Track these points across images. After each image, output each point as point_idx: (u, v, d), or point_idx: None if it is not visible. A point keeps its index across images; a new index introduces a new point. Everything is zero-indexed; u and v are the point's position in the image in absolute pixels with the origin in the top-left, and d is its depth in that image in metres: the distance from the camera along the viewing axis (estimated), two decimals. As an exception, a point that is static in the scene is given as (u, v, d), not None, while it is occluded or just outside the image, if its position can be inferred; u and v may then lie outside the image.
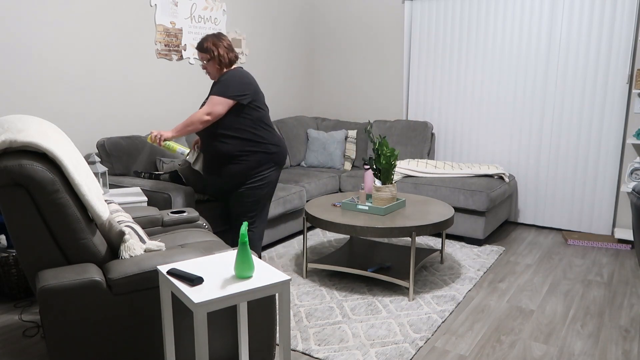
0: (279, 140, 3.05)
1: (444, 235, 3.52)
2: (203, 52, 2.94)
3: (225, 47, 2.92)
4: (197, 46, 2.97)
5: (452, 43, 4.62)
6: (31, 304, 2.85)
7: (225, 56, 2.91)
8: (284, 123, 4.91)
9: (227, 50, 2.92)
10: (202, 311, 1.53)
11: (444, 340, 2.50)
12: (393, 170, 3.10)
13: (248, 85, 2.87)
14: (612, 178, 4.08)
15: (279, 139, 3.06)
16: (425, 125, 4.68)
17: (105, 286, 1.81)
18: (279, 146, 3.04)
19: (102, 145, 3.39)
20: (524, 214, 4.51)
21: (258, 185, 2.97)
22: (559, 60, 4.17)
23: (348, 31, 5.26)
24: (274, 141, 3.01)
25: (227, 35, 3.05)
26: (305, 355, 2.35)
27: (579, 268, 3.50)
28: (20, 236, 1.79)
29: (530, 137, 4.38)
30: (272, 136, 3.01)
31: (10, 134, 1.77)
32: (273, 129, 3.04)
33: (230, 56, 2.94)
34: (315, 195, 4.17)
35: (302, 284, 3.15)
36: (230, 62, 2.95)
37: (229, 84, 2.83)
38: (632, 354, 2.39)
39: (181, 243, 2.38)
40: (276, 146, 3.01)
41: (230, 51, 2.94)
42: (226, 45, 2.93)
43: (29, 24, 3.13)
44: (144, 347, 1.91)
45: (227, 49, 2.93)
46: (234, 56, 2.96)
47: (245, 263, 1.67)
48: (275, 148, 3.00)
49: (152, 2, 3.80)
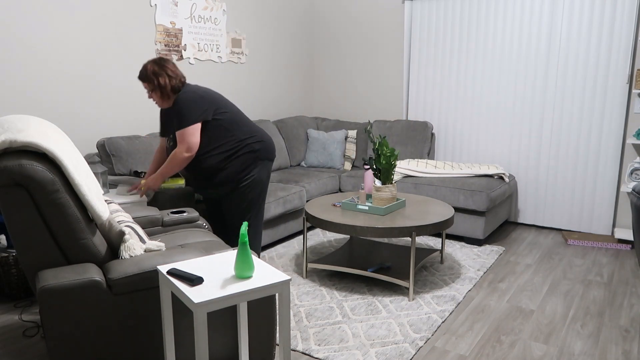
0: (261, 135, 2.95)
1: (444, 235, 3.52)
2: (144, 81, 2.80)
3: (167, 75, 2.77)
4: (138, 75, 2.83)
5: (452, 43, 4.62)
6: (31, 304, 2.85)
7: (167, 85, 2.76)
8: (284, 123, 4.91)
9: (169, 78, 2.77)
10: (202, 311, 1.53)
11: (444, 340, 2.50)
12: (393, 170, 3.10)
13: (202, 101, 2.76)
14: (612, 178, 4.08)
15: (261, 133, 2.97)
16: (425, 125, 4.68)
17: (105, 286, 1.81)
18: (263, 140, 2.94)
19: (102, 145, 3.39)
20: (524, 214, 4.51)
21: (248, 186, 2.92)
22: (559, 60, 4.17)
23: (348, 31, 5.26)
24: (256, 137, 2.92)
25: (169, 59, 2.83)
26: (305, 355, 2.35)
27: (579, 268, 3.50)
28: (20, 236, 1.79)
29: (530, 137, 4.38)
30: (252, 132, 2.92)
31: (10, 134, 1.77)
32: (249, 124, 2.93)
33: (173, 83, 2.77)
34: (315, 195, 4.17)
35: (302, 284, 3.15)
36: (174, 90, 2.79)
37: (186, 111, 2.71)
38: (632, 354, 2.39)
39: (181, 243, 2.38)
40: (259, 142, 2.93)
41: (173, 78, 2.78)
42: (169, 73, 2.77)
43: (29, 24, 3.13)
44: (144, 347, 1.91)
45: (169, 76, 2.77)
46: (179, 82, 2.80)
47: (245, 263, 1.67)
48: (258, 144, 2.92)
49: (152, 2, 3.80)
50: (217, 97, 2.87)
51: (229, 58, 4.51)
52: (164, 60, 2.82)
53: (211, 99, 2.82)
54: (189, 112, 2.72)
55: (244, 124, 2.92)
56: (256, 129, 2.97)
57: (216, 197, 3.02)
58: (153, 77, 2.77)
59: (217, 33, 4.36)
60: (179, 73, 2.84)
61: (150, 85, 2.80)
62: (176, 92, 2.82)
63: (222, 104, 2.86)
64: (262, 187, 2.99)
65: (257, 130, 2.97)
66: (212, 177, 2.89)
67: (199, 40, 4.20)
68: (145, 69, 2.80)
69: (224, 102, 2.90)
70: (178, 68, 2.89)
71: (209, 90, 2.90)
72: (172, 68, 2.81)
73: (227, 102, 2.93)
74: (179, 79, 2.82)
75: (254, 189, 2.94)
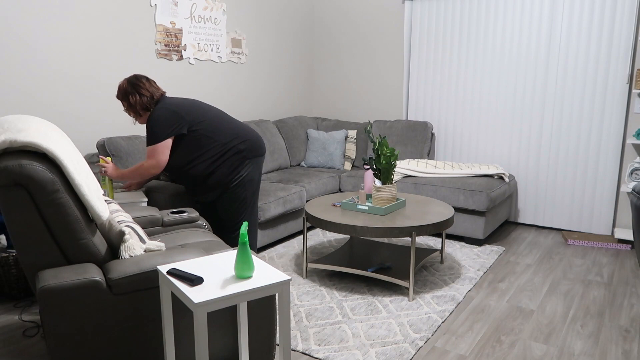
0: (244, 134, 2.92)
1: (444, 235, 3.52)
2: (119, 99, 2.87)
3: (138, 93, 2.79)
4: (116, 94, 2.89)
5: (452, 43, 4.62)
6: (31, 304, 2.85)
7: (137, 103, 2.80)
8: (284, 123, 4.91)
9: (139, 96, 2.79)
10: (202, 311, 1.53)
11: (444, 340, 2.50)
12: (393, 170, 3.10)
13: (174, 117, 2.75)
14: (612, 178, 4.08)
15: (245, 132, 2.93)
16: (425, 125, 4.68)
17: (105, 286, 1.81)
18: (247, 139, 2.91)
19: (102, 145, 3.39)
20: (524, 214, 4.51)
21: (239, 186, 2.91)
22: (559, 60, 4.17)
23: (348, 31, 5.26)
24: (240, 137, 2.89)
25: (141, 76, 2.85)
26: (305, 355, 2.35)
27: (579, 268, 3.50)
28: (20, 236, 1.79)
29: (530, 137, 4.38)
30: (235, 134, 2.89)
31: (10, 134, 1.77)
32: (231, 126, 2.90)
33: (144, 101, 2.80)
34: (315, 195, 4.17)
35: (302, 284, 3.15)
36: (145, 108, 2.82)
37: (156, 128, 2.73)
38: (632, 354, 2.39)
39: (181, 243, 2.38)
40: (244, 141, 2.90)
41: (145, 96, 2.80)
42: (141, 92, 2.80)
43: (29, 24, 3.13)
44: (144, 347, 1.91)
45: (140, 94, 2.80)
46: (151, 99, 2.81)
47: (245, 263, 1.67)
48: (243, 144, 2.89)
49: (152, 2, 3.80)
50: (193, 108, 2.84)
51: (229, 58, 4.51)
52: (137, 78, 2.84)
53: (186, 112, 2.80)
54: (158, 129, 2.73)
55: (226, 126, 2.89)
56: (239, 129, 2.93)
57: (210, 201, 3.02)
58: (124, 95, 2.83)
59: (217, 33, 4.36)
60: (153, 90, 2.84)
61: (124, 104, 2.86)
62: (148, 110, 2.85)
63: (199, 115, 2.84)
64: (253, 185, 2.99)
65: (240, 130, 2.93)
66: (202, 184, 2.90)
67: (199, 40, 4.20)
68: (119, 88, 2.86)
69: (201, 111, 2.87)
70: (154, 85, 2.87)
71: (186, 102, 2.86)
72: (145, 86, 2.82)
73: (206, 109, 2.90)
74: (152, 96, 2.82)
75: (245, 188, 2.93)
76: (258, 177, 3.02)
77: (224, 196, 2.92)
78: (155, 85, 2.88)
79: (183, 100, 2.89)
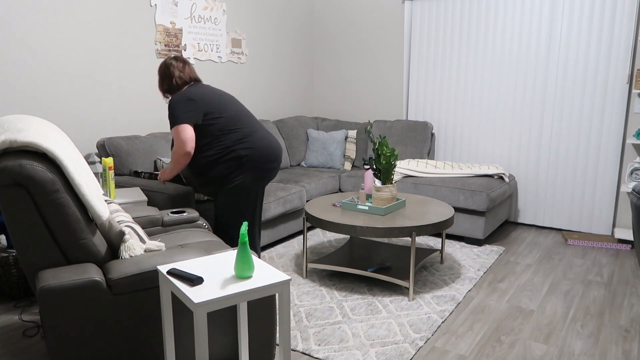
0: (255, 141, 2.86)
1: (444, 235, 3.52)
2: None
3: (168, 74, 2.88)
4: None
5: (452, 43, 4.62)
6: (31, 304, 2.85)
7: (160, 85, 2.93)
8: (284, 123, 4.91)
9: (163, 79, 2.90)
10: (202, 311, 1.53)
11: (444, 340, 2.50)
12: (393, 170, 3.10)
13: (190, 104, 2.76)
14: (612, 178, 4.08)
15: (257, 139, 2.88)
16: (425, 125, 4.68)
17: (105, 286, 1.81)
18: (252, 147, 2.85)
19: (102, 145, 3.39)
20: (524, 214, 4.51)
21: (232, 191, 2.87)
22: (558, 60, 4.17)
23: (348, 31, 5.26)
24: (247, 143, 2.85)
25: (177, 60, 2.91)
26: (305, 355, 2.35)
27: (579, 268, 3.50)
28: (20, 236, 1.79)
29: (530, 137, 4.39)
30: (245, 139, 2.85)
31: (10, 134, 1.77)
32: (246, 130, 2.87)
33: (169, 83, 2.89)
34: (315, 195, 4.17)
35: (302, 284, 3.15)
36: (169, 90, 2.91)
37: (174, 112, 2.76)
38: (632, 354, 2.39)
39: (181, 243, 2.38)
40: (248, 148, 2.84)
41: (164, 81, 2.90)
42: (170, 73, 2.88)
43: (29, 24, 3.13)
44: (144, 347, 1.91)
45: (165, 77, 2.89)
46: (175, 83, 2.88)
47: (245, 263, 1.67)
48: (246, 151, 2.83)
49: (152, 2, 3.80)
50: (212, 101, 2.82)
51: (229, 58, 4.51)
52: (171, 62, 2.91)
53: (203, 103, 2.79)
54: (175, 113, 2.75)
55: (239, 129, 2.86)
56: (250, 135, 2.88)
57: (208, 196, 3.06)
58: (158, 74, 2.97)
59: (217, 33, 4.36)
60: (183, 75, 2.88)
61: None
62: (170, 93, 2.92)
63: (216, 109, 2.81)
64: (248, 194, 2.90)
65: (253, 136, 2.88)
66: (199, 177, 2.92)
67: (199, 40, 4.20)
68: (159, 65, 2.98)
69: (222, 105, 2.84)
70: (186, 71, 2.90)
71: (209, 93, 2.85)
72: (172, 73, 2.88)
73: (227, 106, 2.87)
74: (176, 83, 2.88)
75: (238, 194, 2.88)
76: (255, 186, 2.92)
77: (218, 196, 2.94)
78: (187, 72, 2.90)
79: (207, 91, 2.86)
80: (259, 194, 3.00)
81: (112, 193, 2.90)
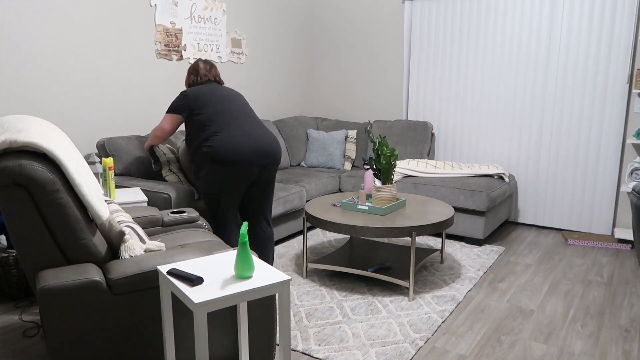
0: (215, 140, 2.82)
1: (444, 235, 3.52)
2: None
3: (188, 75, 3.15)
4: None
5: (452, 43, 4.62)
6: (31, 304, 2.85)
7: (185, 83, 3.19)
8: (284, 123, 4.91)
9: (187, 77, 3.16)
10: (202, 311, 1.53)
11: (444, 340, 2.50)
12: (393, 170, 3.10)
13: (183, 98, 2.98)
14: (612, 178, 4.08)
15: (220, 138, 2.82)
16: (425, 125, 4.68)
17: (105, 286, 1.81)
18: (213, 146, 2.81)
19: (102, 145, 3.39)
20: (524, 214, 4.51)
21: (202, 184, 2.93)
22: (559, 60, 4.17)
23: (348, 31, 5.26)
24: (213, 141, 2.82)
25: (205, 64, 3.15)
26: (305, 355, 2.35)
27: (579, 268, 3.50)
28: (20, 236, 1.79)
29: (530, 137, 4.38)
30: (213, 135, 2.84)
31: (10, 134, 1.77)
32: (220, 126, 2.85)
33: (186, 82, 3.18)
34: (315, 195, 4.17)
35: (302, 284, 3.15)
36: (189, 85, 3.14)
37: (172, 103, 3.03)
38: (632, 354, 2.39)
39: (181, 243, 2.38)
40: (211, 146, 2.81)
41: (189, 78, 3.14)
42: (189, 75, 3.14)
43: (29, 24, 3.13)
44: (144, 347, 1.91)
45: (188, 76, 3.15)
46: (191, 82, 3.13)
47: (245, 263, 1.67)
48: (208, 148, 2.82)
49: (152, 2, 3.80)
50: (201, 99, 2.94)
51: (229, 58, 4.51)
52: (198, 64, 3.12)
53: (194, 99, 2.96)
54: (172, 104, 3.03)
55: (210, 128, 2.86)
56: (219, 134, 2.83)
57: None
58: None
59: (217, 33, 4.36)
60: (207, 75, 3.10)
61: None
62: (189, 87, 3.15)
63: (200, 106, 2.93)
64: (213, 190, 2.87)
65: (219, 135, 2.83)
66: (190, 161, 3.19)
67: (199, 41, 4.20)
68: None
69: (208, 103, 2.92)
70: (207, 72, 3.11)
71: (206, 91, 2.97)
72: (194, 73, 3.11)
73: (217, 103, 2.92)
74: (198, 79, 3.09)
75: (205, 188, 2.93)
76: (219, 184, 2.86)
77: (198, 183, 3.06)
78: (207, 73, 3.11)
79: (208, 89, 3.00)
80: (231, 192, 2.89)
81: (112, 193, 2.91)
